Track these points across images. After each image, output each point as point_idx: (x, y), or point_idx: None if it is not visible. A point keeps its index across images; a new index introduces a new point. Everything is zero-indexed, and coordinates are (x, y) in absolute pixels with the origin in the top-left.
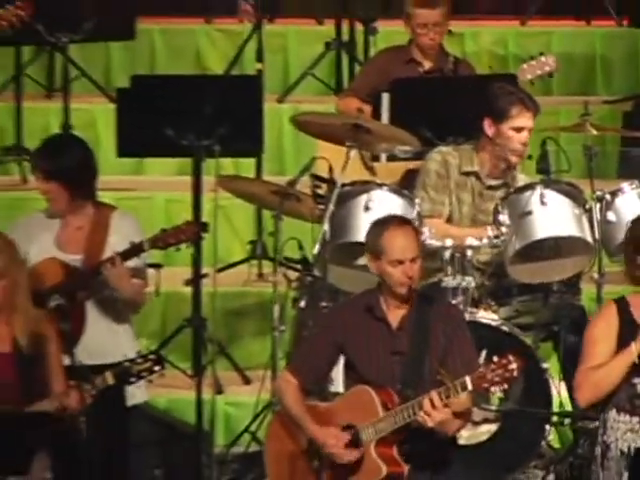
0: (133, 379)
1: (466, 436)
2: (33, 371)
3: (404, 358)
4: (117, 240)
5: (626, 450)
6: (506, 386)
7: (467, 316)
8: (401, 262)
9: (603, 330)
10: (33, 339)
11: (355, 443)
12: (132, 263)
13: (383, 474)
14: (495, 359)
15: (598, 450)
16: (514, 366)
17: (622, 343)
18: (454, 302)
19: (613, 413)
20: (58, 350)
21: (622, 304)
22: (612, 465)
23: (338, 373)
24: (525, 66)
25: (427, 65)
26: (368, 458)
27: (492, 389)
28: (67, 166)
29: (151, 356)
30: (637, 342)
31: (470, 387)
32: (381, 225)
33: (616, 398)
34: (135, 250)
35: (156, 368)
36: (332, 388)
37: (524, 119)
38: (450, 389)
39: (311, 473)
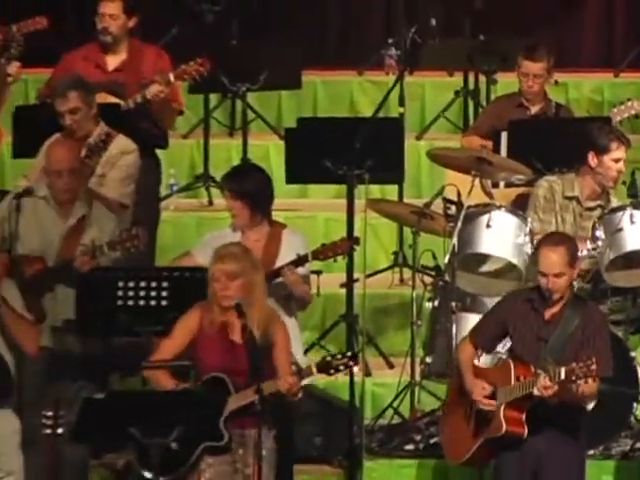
0: (332, 371)
1: None
2: (263, 359)
3: (548, 344)
4: (287, 252)
5: None
6: (589, 381)
7: None
8: (544, 275)
9: None
10: (265, 331)
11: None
12: (299, 270)
13: (503, 431)
14: (582, 360)
15: None
16: (594, 367)
17: None
18: None
19: None
20: (284, 341)
21: None
22: None
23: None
24: (615, 110)
25: (534, 109)
26: (496, 417)
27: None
28: (250, 188)
29: (349, 353)
30: None
31: (563, 376)
32: (542, 240)
33: None
34: (301, 260)
35: (351, 364)
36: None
37: (620, 152)
38: (551, 374)
39: (466, 419)
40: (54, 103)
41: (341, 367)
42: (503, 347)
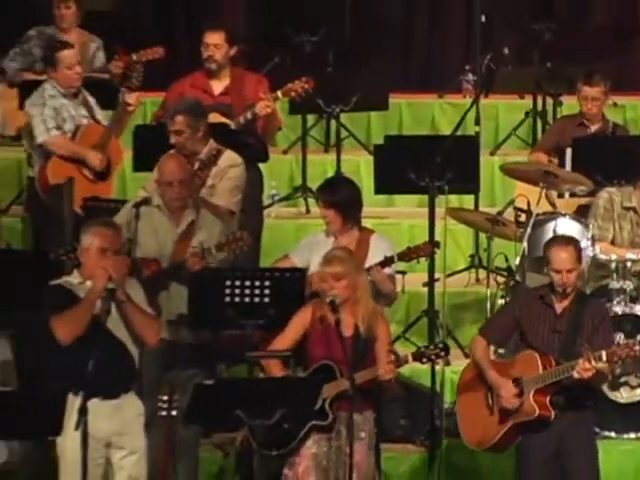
0: (425, 360)
1: (626, 396)
2: (366, 350)
3: (562, 335)
4: (374, 254)
5: None
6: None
7: (627, 309)
8: (559, 271)
9: None
10: (369, 326)
11: (519, 394)
12: (386, 270)
13: (535, 415)
14: (625, 342)
15: None
16: (637, 348)
17: None
18: (617, 300)
19: None
20: (386, 335)
21: None
22: None
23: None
24: None
25: (593, 128)
26: (527, 402)
27: (621, 363)
28: (341, 199)
29: (440, 345)
30: None
31: (605, 358)
32: (551, 241)
33: None
34: (388, 261)
35: (442, 354)
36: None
37: None
38: (590, 359)
39: (486, 406)
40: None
41: (433, 357)
42: None
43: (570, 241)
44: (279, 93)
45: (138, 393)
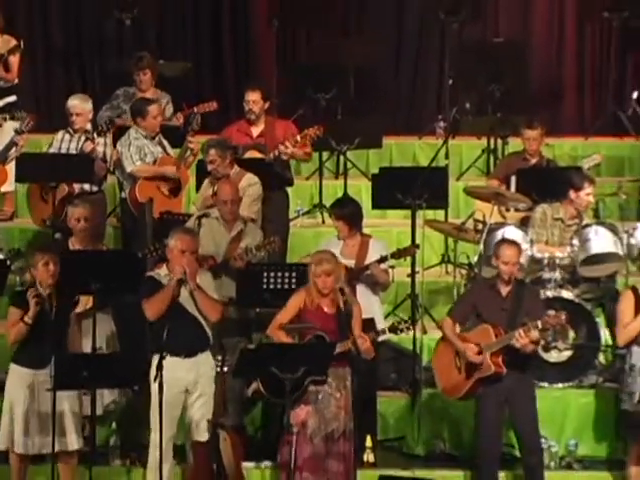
0: (398, 332)
1: (555, 357)
2: (347, 324)
3: (507, 313)
4: (372, 254)
5: None
6: (562, 329)
7: (556, 294)
8: (506, 263)
9: (626, 303)
10: (346, 305)
11: (479, 354)
12: (382, 265)
13: (492, 371)
14: (554, 313)
15: (627, 367)
16: (563, 317)
17: (637, 312)
18: (549, 286)
19: (635, 347)
20: (358, 314)
21: (634, 289)
22: (635, 375)
23: None
24: (585, 161)
25: (532, 161)
26: (485, 362)
27: (551, 330)
28: (347, 213)
29: (408, 321)
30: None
31: (540, 326)
32: (501, 241)
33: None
34: (383, 259)
35: (410, 327)
36: None
37: (590, 189)
38: (530, 328)
39: (456, 368)
40: None
41: (404, 329)
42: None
43: (514, 242)
44: (298, 137)
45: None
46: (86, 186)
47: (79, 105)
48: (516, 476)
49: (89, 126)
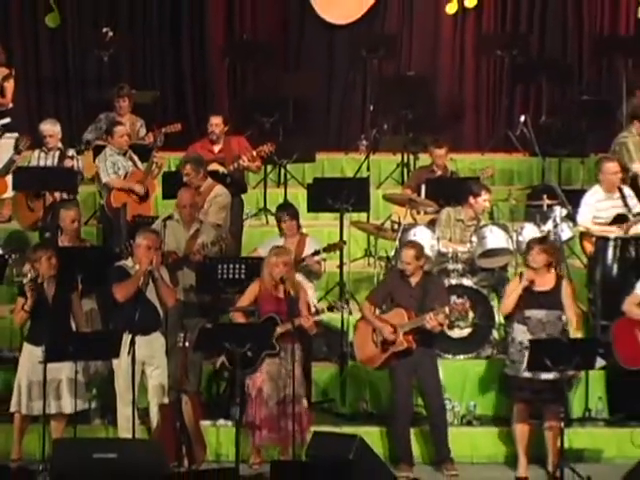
0: (334, 310)
1: (457, 333)
2: (295, 306)
3: (416, 299)
4: (308, 248)
5: (524, 341)
6: (466, 313)
7: (458, 281)
8: (406, 263)
9: (512, 285)
10: (295, 291)
11: (394, 332)
12: (315, 258)
13: (405, 346)
14: (459, 300)
15: (509, 339)
16: (468, 304)
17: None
18: (453, 275)
19: (516, 324)
20: (305, 298)
21: (520, 275)
22: (515, 346)
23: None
24: (481, 172)
25: (439, 173)
26: (399, 339)
27: (456, 314)
28: (296, 214)
29: (344, 302)
30: (521, 281)
31: (447, 312)
32: (406, 243)
33: (517, 316)
34: (316, 253)
35: (345, 307)
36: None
37: (486, 196)
38: (439, 312)
39: (375, 344)
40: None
41: (339, 308)
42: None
43: (413, 245)
44: (254, 152)
45: (162, 333)
46: (64, 195)
47: (50, 128)
48: (423, 431)
49: (60, 144)
